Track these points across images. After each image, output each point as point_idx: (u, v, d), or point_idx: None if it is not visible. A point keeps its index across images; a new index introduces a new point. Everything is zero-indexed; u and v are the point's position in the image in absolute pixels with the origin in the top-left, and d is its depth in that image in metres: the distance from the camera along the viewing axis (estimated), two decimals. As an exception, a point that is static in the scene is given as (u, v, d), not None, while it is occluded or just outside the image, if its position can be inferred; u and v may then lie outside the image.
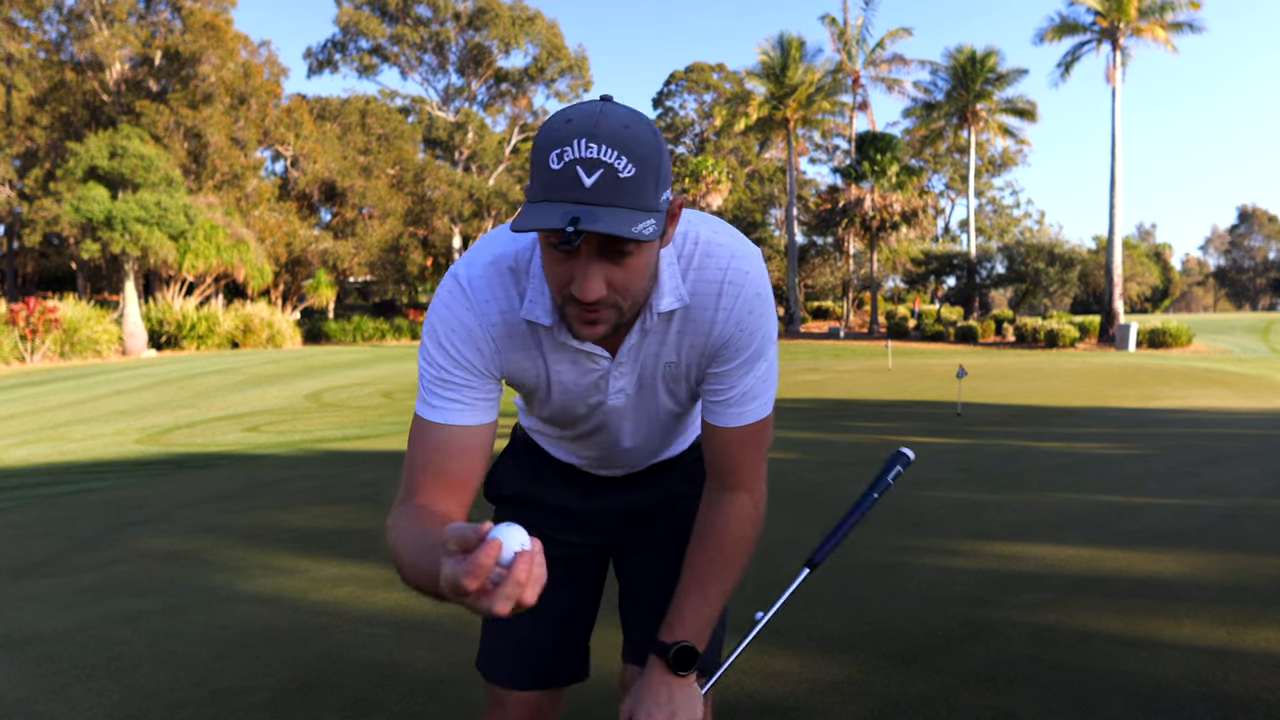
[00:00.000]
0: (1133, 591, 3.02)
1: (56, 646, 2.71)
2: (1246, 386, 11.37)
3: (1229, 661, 2.36)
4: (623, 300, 0.90)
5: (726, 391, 1.07)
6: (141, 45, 30.57)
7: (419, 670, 2.43)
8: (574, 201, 0.80)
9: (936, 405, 9.63)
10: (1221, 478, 5.17)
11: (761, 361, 1.06)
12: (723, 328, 1.02)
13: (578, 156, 0.80)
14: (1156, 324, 23.44)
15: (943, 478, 5.33)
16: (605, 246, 0.85)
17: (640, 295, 0.93)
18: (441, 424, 1.01)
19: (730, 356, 1.04)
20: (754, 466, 1.12)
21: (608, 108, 0.84)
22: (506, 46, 38.15)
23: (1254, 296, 72.20)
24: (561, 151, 0.81)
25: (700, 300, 1.01)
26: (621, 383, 1.07)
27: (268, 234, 32.42)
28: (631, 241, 0.84)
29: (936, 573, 3.27)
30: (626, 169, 0.81)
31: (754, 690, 2.25)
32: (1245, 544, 3.60)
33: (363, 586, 3.23)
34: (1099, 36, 25.44)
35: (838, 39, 32.48)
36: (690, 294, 1.01)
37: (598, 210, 0.80)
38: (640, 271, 0.89)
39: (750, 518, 1.12)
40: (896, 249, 33.32)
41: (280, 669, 2.45)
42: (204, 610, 3.04)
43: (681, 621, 1.09)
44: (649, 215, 0.83)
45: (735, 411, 1.07)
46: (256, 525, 4.40)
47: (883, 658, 2.44)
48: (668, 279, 0.99)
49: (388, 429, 8.53)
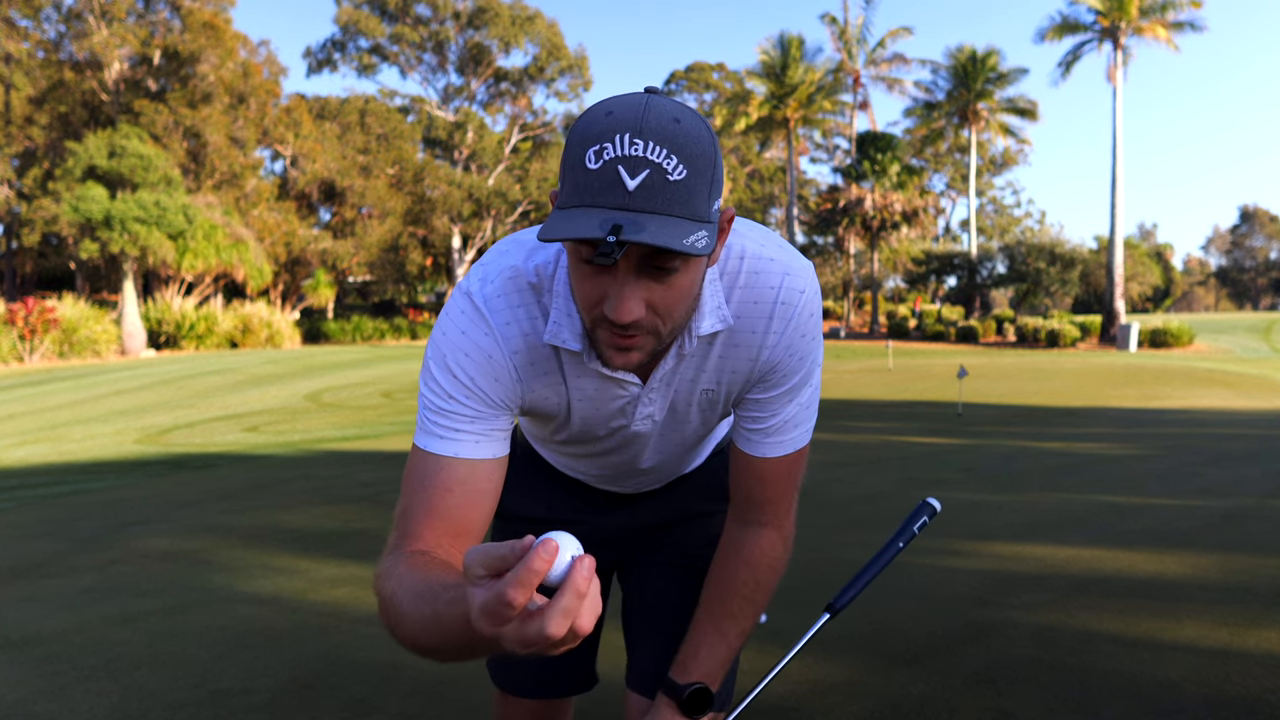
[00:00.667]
0: (1134, 592, 3.01)
1: (55, 647, 2.70)
2: (1248, 387, 11.36)
3: (1231, 662, 2.35)
4: (663, 324, 0.78)
5: (767, 419, 0.96)
6: (140, 44, 30.54)
7: (418, 671, 2.43)
8: (614, 207, 0.68)
9: (937, 405, 9.63)
10: (1223, 478, 5.16)
11: (807, 388, 0.96)
12: (771, 352, 0.91)
13: (620, 154, 0.68)
14: (1158, 324, 23.43)
15: (943, 478, 5.32)
16: (647, 261, 0.73)
17: (682, 319, 0.80)
18: (449, 458, 0.86)
19: (777, 382, 0.94)
20: (787, 501, 1.02)
21: (655, 100, 0.72)
22: (506, 46, 38.12)
23: (1255, 296, 72.18)
24: (601, 148, 0.69)
25: (747, 322, 0.90)
26: (650, 409, 0.96)
27: (267, 234, 32.39)
28: (678, 256, 0.72)
29: (937, 573, 3.26)
30: (677, 170, 0.69)
31: (746, 687, 2.24)
32: (1247, 545, 3.59)
33: (362, 587, 3.22)
34: (1100, 35, 25.43)
35: (838, 38, 32.48)
36: (735, 315, 0.89)
37: (642, 218, 0.68)
38: (685, 292, 0.77)
39: (777, 559, 1.04)
40: (897, 249, 33.33)
41: (279, 670, 2.45)
42: (203, 611, 3.03)
43: (696, 662, 1.01)
44: (700, 226, 0.71)
45: (774, 440, 0.97)
46: (256, 526, 4.39)
47: (883, 659, 2.44)
48: (709, 298, 0.87)
49: (387, 429, 8.52)
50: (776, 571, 1.05)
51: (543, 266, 0.87)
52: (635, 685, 1.15)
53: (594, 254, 0.71)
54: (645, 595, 1.20)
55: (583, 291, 0.77)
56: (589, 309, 0.78)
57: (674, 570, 1.18)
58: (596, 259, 0.69)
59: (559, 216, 0.71)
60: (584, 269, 0.76)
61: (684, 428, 1.02)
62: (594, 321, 0.79)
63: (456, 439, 0.86)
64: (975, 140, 32.61)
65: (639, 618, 1.20)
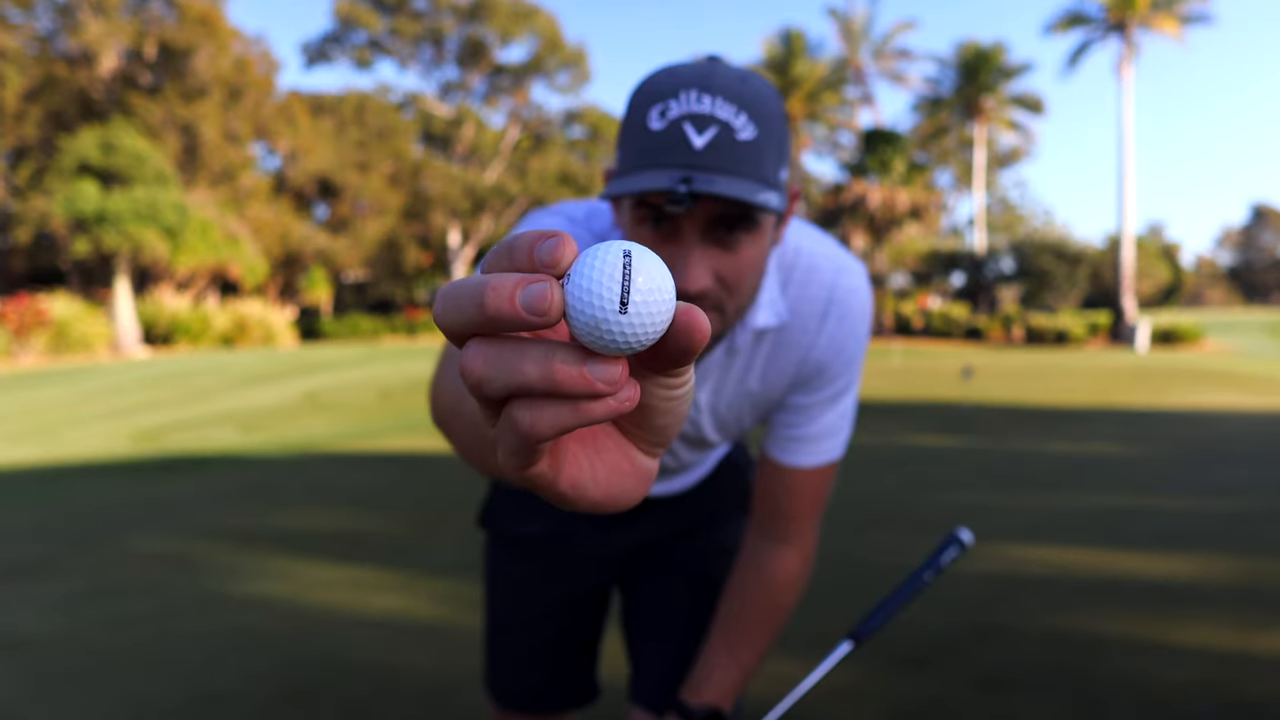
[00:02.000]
0: (1143, 594, 2.98)
1: (46, 650, 2.66)
2: (1259, 385, 11.35)
3: (1242, 665, 2.32)
4: (729, 300, 0.73)
5: (805, 425, 0.91)
6: (133, 38, 30.38)
7: (415, 675, 2.39)
8: (681, 165, 0.64)
9: (944, 404, 9.61)
10: (1234, 478, 5.14)
11: (849, 395, 0.92)
12: (821, 353, 0.87)
13: (687, 111, 0.64)
14: (1167, 322, 23.37)
15: (951, 478, 5.29)
16: (714, 226, 0.69)
17: (748, 297, 0.75)
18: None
19: (820, 386, 0.89)
20: (813, 517, 0.98)
21: (719, 63, 0.68)
22: (505, 39, 38.02)
23: (1266, 294, 72.21)
24: (665, 107, 0.64)
25: (800, 321, 0.85)
26: (691, 412, 0.90)
27: (262, 231, 32.28)
28: (747, 220, 0.68)
29: (945, 575, 3.22)
30: (746, 129, 0.65)
31: (758, 694, 2.20)
32: (1259, 546, 3.56)
33: (358, 590, 3.18)
34: (1108, 28, 25.31)
35: (842, 32, 32.36)
36: (789, 312, 0.85)
37: (711, 176, 0.64)
38: (753, 265, 0.73)
39: (796, 580, 1.00)
40: (903, 246, 33.33)
41: (274, 673, 2.41)
42: (196, 614, 2.98)
43: (710, 683, 0.96)
44: (771, 190, 0.67)
45: (809, 449, 0.92)
46: (250, 527, 4.34)
47: (890, 661, 2.40)
48: (766, 288, 0.83)
49: (385, 429, 8.46)
50: (795, 593, 1.01)
51: (602, 233, 0.82)
52: (641, 698, 1.10)
53: (658, 213, 0.67)
54: (650, 606, 1.15)
55: None
56: None
57: (680, 580, 1.13)
58: (668, 207, 0.64)
59: (620, 181, 0.67)
60: (644, 234, 0.70)
61: (720, 430, 0.96)
62: None
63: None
64: (982, 136, 32.53)
65: (644, 628, 1.15)
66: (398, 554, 3.69)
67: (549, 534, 1.12)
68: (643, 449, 0.35)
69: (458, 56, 39.66)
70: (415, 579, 3.29)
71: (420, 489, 5.28)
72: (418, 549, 3.79)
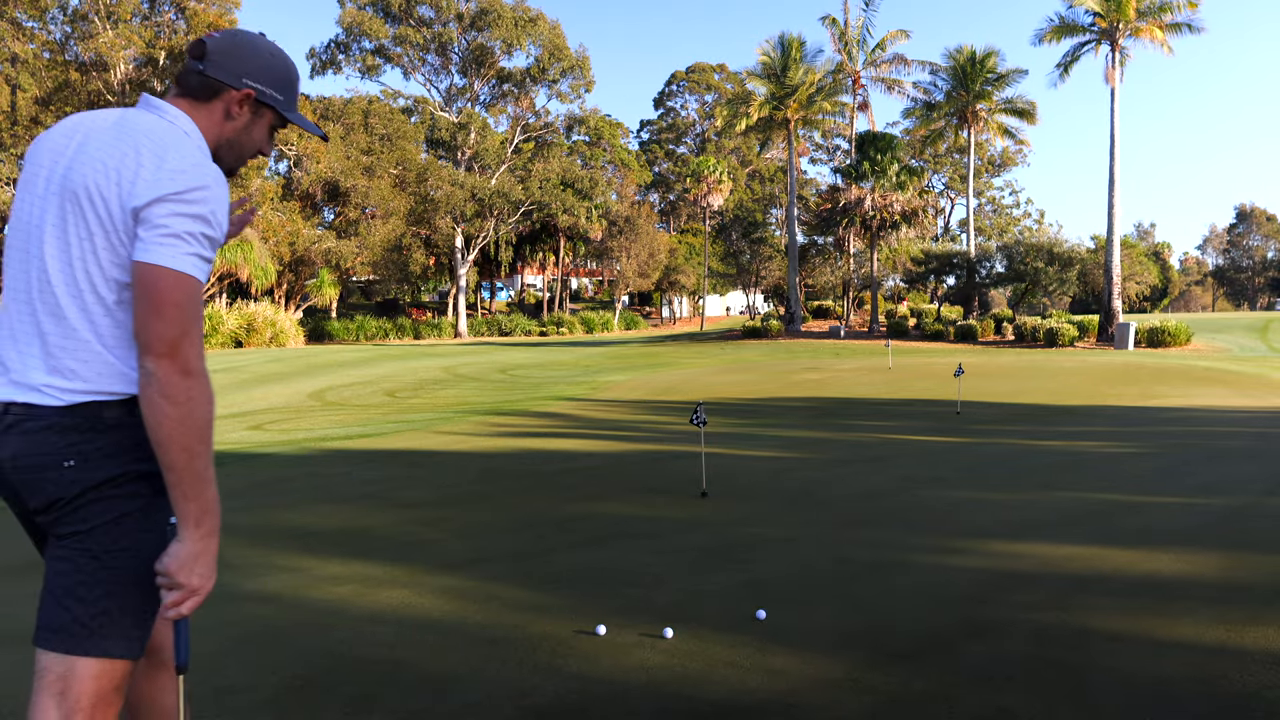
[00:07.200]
0: (1132, 590, 3.02)
1: (61, 643, 2.72)
2: (1245, 385, 11.33)
3: (1228, 659, 2.36)
4: None
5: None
6: (145, 46, 30.65)
7: (420, 668, 2.44)
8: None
9: (936, 404, 9.63)
10: (1220, 476, 5.16)
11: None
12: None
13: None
14: (1155, 323, 23.34)
15: (943, 476, 5.33)
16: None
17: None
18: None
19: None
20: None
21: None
22: (509, 47, 38.18)
23: (1252, 295, 71.98)
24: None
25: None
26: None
27: (271, 233, 32.49)
28: None
29: (937, 571, 3.27)
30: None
31: (755, 687, 2.26)
32: (1244, 542, 3.60)
33: (365, 585, 3.24)
34: (1098, 37, 25.38)
35: (838, 40, 32.46)
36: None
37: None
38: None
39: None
40: (896, 248, 33.32)
41: (282, 667, 2.46)
42: (206, 608, 3.02)
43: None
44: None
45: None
46: (259, 523, 4.41)
47: (883, 655, 2.45)
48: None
49: (391, 427, 8.54)
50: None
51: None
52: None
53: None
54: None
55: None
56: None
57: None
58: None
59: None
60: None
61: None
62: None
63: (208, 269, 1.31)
64: (974, 141, 32.59)
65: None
66: (404, 550, 3.75)
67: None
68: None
69: (462, 64, 39.84)
70: (421, 574, 3.35)
71: (426, 487, 5.34)
72: (423, 545, 3.85)
